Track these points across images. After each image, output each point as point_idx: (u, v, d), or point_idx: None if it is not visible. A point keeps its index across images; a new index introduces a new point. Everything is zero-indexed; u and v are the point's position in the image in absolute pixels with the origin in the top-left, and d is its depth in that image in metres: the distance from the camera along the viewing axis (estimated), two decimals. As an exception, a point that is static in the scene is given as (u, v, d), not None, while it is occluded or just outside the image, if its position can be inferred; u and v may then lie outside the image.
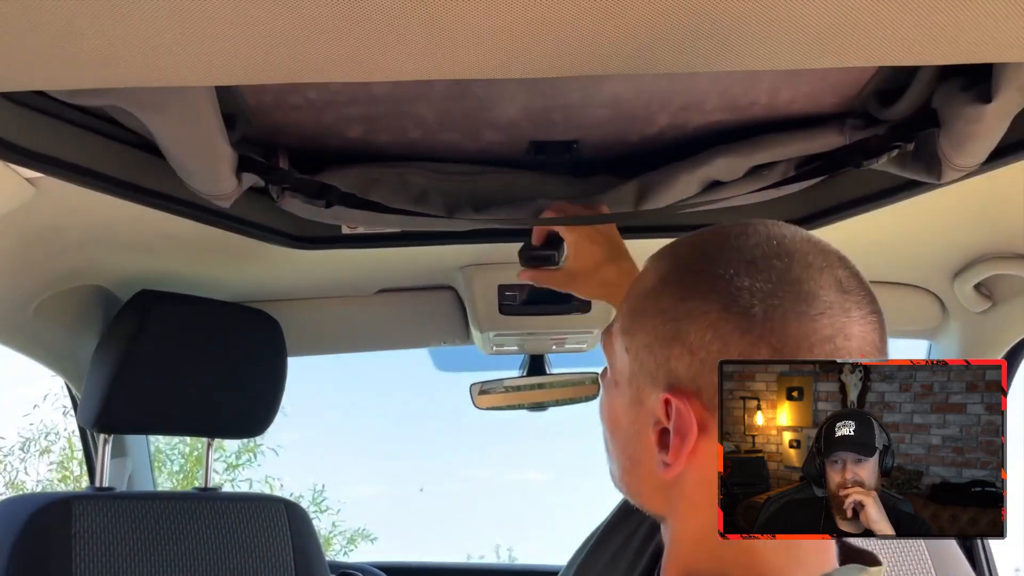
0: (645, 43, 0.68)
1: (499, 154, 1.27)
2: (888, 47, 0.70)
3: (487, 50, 0.68)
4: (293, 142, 1.19)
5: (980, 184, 1.14)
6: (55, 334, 1.67)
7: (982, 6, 0.61)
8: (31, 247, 1.35)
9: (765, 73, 1.06)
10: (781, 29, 0.65)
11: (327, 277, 1.74)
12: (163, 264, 1.57)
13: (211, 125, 0.95)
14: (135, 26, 0.62)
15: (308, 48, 0.67)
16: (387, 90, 1.07)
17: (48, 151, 0.99)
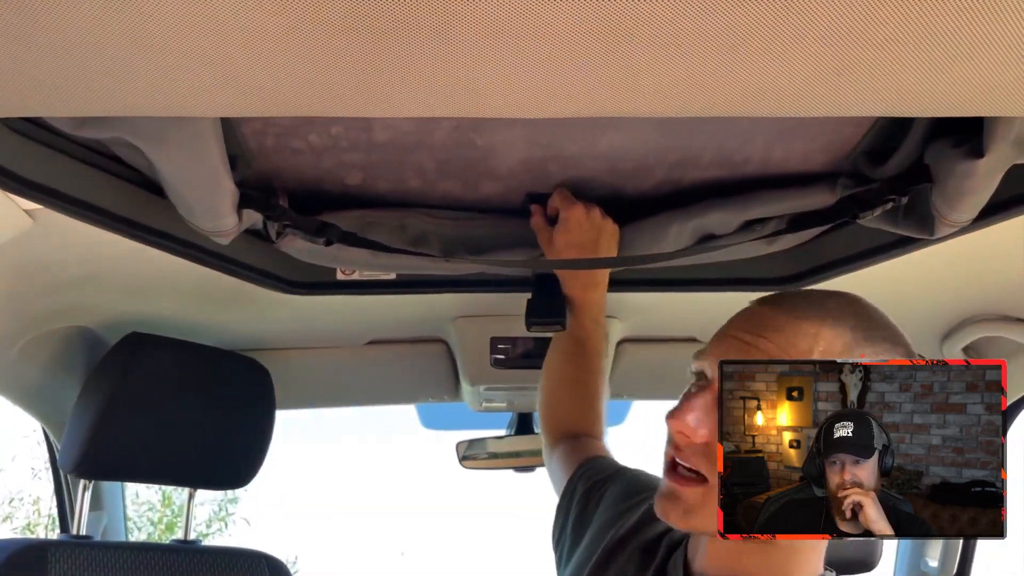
0: (658, 88, 0.69)
1: (496, 205, 1.28)
2: (877, 99, 0.71)
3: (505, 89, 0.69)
4: (292, 187, 1.20)
5: (968, 246, 1.15)
6: (37, 376, 1.64)
7: (972, 60, 0.63)
8: (23, 283, 1.34)
9: (759, 131, 1.08)
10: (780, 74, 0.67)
11: (318, 326, 1.73)
12: (154, 307, 1.56)
13: (215, 159, 0.95)
14: (144, 54, 0.63)
15: (318, 81, 0.68)
16: (388, 137, 1.09)
17: (49, 183, 1.00)
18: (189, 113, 0.78)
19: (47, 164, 1.00)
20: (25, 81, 0.68)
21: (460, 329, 1.65)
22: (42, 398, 1.75)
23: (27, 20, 0.57)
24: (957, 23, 0.57)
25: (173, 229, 1.13)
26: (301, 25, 0.58)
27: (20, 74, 0.66)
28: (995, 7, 0.54)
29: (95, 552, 1.51)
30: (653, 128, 1.07)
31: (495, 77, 0.67)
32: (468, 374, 1.72)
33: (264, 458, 1.74)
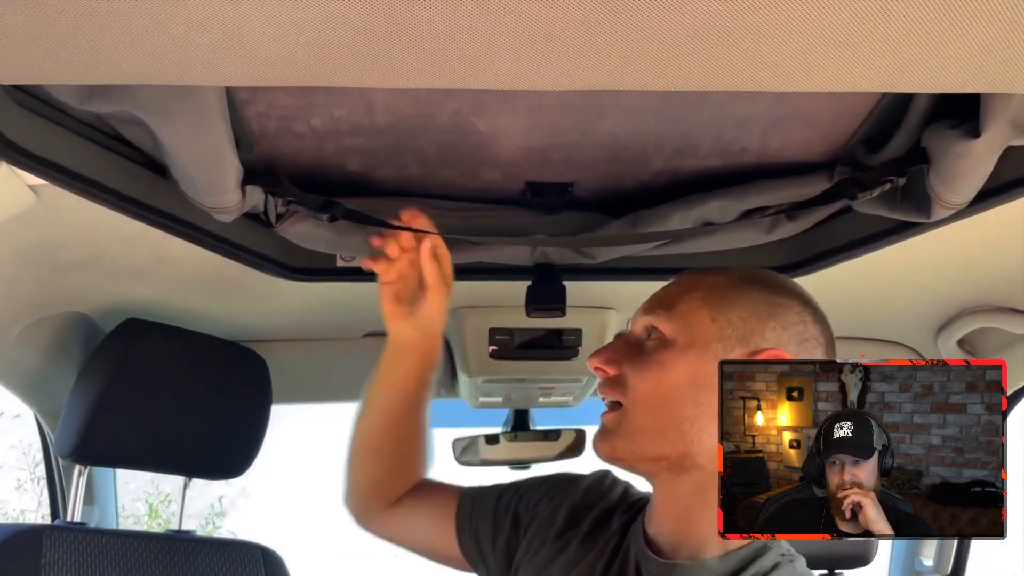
0: (658, 60, 0.69)
1: (496, 193, 1.28)
2: (875, 74, 0.72)
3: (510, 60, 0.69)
4: (293, 172, 1.20)
5: (962, 236, 1.15)
6: (34, 362, 1.63)
7: (970, 37, 0.63)
8: (23, 266, 1.34)
9: (757, 120, 1.08)
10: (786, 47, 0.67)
11: (316, 316, 1.72)
12: (152, 293, 1.56)
13: (220, 134, 0.95)
14: (154, 18, 0.63)
15: (322, 48, 0.68)
16: (390, 121, 1.08)
17: (55, 159, 1.00)
18: (196, 82, 0.78)
19: (54, 140, 1.00)
20: (37, 47, 0.68)
21: (459, 319, 1.65)
22: (38, 385, 1.74)
23: None
24: (947, 4, 0.57)
25: (175, 210, 1.13)
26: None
27: (32, 38, 0.66)
28: None
29: (90, 538, 1.51)
30: (651, 115, 1.07)
31: (496, 47, 0.67)
32: (466, 365, 1.71)
33: (259, 448, 1.74)
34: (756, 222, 1.23)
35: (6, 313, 1.47)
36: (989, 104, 0.89)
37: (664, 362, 0.93)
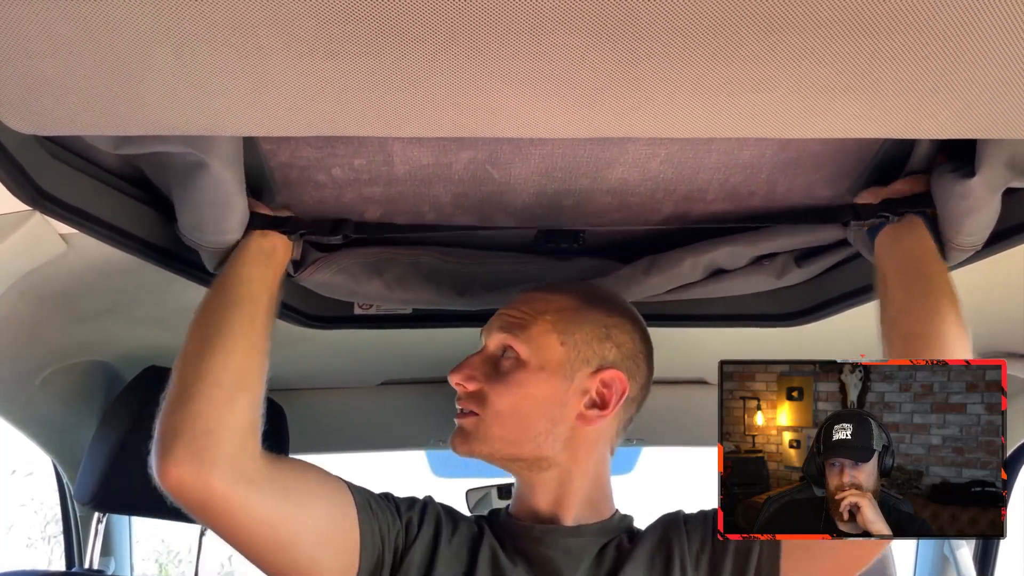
0: (661, 109, 0.71)
1: (509, 240, 1.30)
2: (871, 121, 0.73)
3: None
4: (313, 220, 1.22)
5: (975, 283, 1.14)
6: (55, 410, 1.65)
7: (963, 85, 0.65)
8: (50, 314, 1.36)
9: (763, 164, 1.10)
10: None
11: (333, 365, 1.73)
12: (173, 341, 1.57)
13: (236, 176, 0.99)
14: (187, 71, 0.66)
15: (346, 101, 0.71)
16: (407, 170, 1.11)
17: (86, 207, 1.02)
18: (225, 132, 0.81)
19: (84, 190, 1.03)
20: (76, 99, 0.71)
21: None
22: (58, 433, 1.75)
23: (82, 33, 0.61)
24: (946, 51, 0.59)
25: (199, 259, 1.15)
26: (336, 48, 0.61)
27: (71, 90, 0.69)
28: (981, 37, 0.56)
29: None
30: (660, 162, 1.09)
31: (510, 98, 0.70)
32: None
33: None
34: (765, 267, 1.24)
35: (31, 361, 1.49)
36: (983, 146, 0.92)
37: (521, 382, 1.03)
